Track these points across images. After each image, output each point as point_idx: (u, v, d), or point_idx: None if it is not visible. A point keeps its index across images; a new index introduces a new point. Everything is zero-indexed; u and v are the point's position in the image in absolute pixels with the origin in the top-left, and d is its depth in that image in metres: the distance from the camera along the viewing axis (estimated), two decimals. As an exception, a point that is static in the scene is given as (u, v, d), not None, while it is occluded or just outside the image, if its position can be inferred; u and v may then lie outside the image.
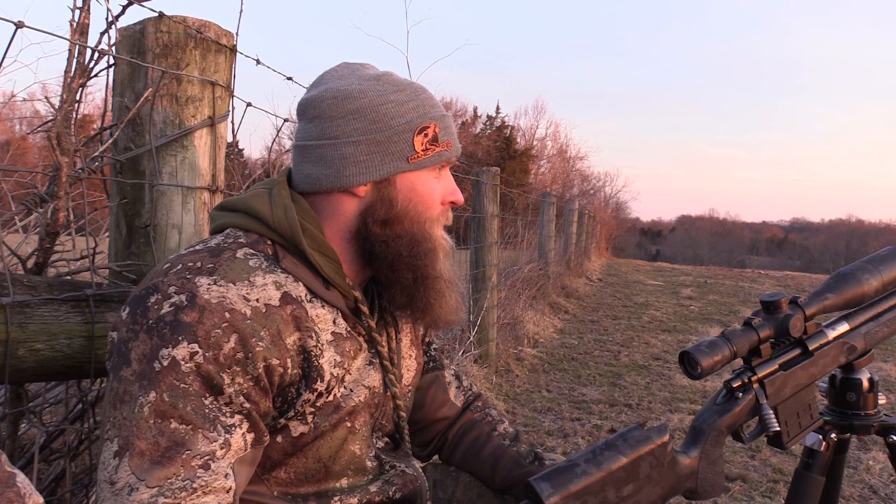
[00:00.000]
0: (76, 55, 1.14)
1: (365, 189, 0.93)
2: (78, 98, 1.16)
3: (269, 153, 1.87)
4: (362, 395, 0.96)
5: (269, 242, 0.91)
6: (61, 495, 1.29)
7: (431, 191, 0.96)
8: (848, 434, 1.16)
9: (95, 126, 1.35)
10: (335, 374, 0.92)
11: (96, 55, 1.17)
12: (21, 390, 1.18)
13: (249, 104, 1.45)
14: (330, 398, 0.92)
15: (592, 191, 35.50)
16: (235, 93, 1.37)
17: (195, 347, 0.78)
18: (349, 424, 0.95)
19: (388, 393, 1.02)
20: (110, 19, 1.18)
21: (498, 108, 42.77)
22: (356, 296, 0.96)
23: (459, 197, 1.00)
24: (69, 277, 1.26)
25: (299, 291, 0.89)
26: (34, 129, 1.37)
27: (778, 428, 0.98)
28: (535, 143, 35.83)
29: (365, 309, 0.97)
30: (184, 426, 0.77)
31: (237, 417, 0.81)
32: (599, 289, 10.46)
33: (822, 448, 1.12)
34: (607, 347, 5.61)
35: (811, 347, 1.05)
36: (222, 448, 0.79)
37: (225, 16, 1.33)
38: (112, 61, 1.21)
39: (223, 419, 0.80)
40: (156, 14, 1.19)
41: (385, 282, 0.96)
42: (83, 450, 1.36)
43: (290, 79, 1.64)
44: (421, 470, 1.10)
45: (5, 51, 0.95)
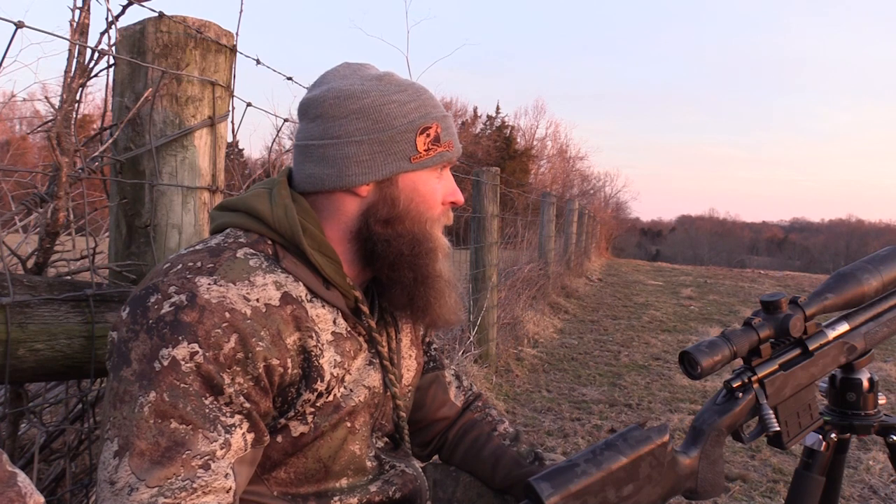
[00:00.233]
0: (76, 55, 1.14)
1: (367, 189, 0.93)
2: (78, 98, 1.16)
3: (269, 153, 1.87)
4: (362, 395, 0.96)
5: (270, 242, 0.91)
6: (61, 495, 1.29)
7: (433, 191, 0.96)
8: (848, 434, 1.16)
9: (95, 126, 1.35)
10: (335, 374, 0.92)
11: (96, 55, 1.18)
12: (21, 390, 1.18)
13: (249, 104, 1.45)
14: (330, 398, 0.92)
15: (592, 191, 35.50)
16: (235, 93, 1.37)
17: (195, 347, 0.78)
18: (349, 424, 0.95)
19: (388, 393, 1.02)
20: (110, 19, 1.18)
21: (498, 108, 42.79)
22: (356, 295, 0.95)
23: (460, 197, 1.01)
24: (69, 277, 1.26)
25: (299, 291, 0.89)
26: (34, 129, 1.37)
27: (778, 428, 0.98)
28: (535, 143, 35.86)
29: (365, 308, 0.96)
30: (184, 426, 0.77)
31: (237, 417, 0.81)
32: (599, 289, 10.46)
33: (822, 448, 1.12)
34: (607, 347, 5.61)
35: (811, 347, 1.05)
36: (222, 448, 0.79)
37: (225, 16, 1.33)
38: (112, 61, 1.21)
39: (223, 419, 0.80)
40: (156, 14, 1.19)
41: (386, 281, 0.96)
42: (83, 450, 1.36)
43: (290, 79, 1.64)
44: (421, 470, 1.10)
45: (5, 51, 0.95)
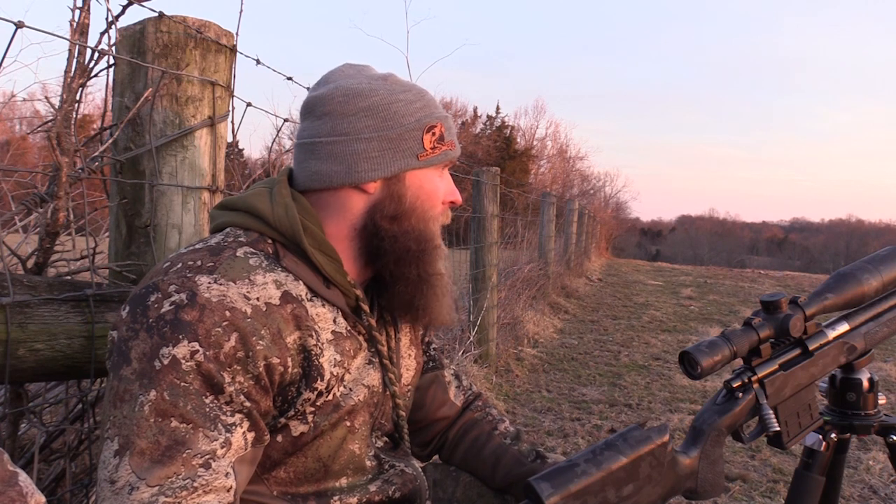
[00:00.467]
0: (76, 55, 1.14)
1: (375, 185, 0.94)
2: (78, 98, 1.16)
3: (269, 153, 1.87)
4: (362, 395, 0.96)
5: (270, 241, 0.91)
6: (61, 495, 1.29)
7: (436, 189, 0.98)
8: (848, 434, 1.16)
9: (95, 126, 1.35)
10: (335, 374, 0.92)
11: (96, 55, 1.17)
12: (21, 390, 1.17)
13: (249, 104, 1.45)
14: (330, 397, 0.92)
15: (592, 191, 35.51)
16: (235, 93, 1.37)
17: (196, 346, 0.78)
18: (349, 423, 0.95)
19: (388, 392, 1.02)
20: (110, 19, 1.18)
21: (498, 108, 42.82)
22: (357, 294, 0.96)
23: (458, 197, 1.02)
24: (69, 277, 1.26)
25: (299, 290, 0.89)
26: (34, 129, 1.37)
27: (778, 428, 0.98)
28: (535, 143, 35.87)
29: (365, 307, 0.97)
30: (184, 425, 0.77)
31: (238, 416, 0.81)
32: (599, 289, 10.46)
33: (822, 448, 1.12)
34: (607, 347, 5.61)
35: (811, 347, 1.05)
36: (223, 447, 0.79)
37: (225, 16, 1.33)
38: (112, 61, 1.21)
39: (224, 418, 0.80)
40: (156, 14, 1.19)
41: (389, 278, 0.96)
42: (83, 450, 1.36)
43: (290, 79, 1.64)
44: (420, 469, 1.10)
45: (5, 51, 0.95)
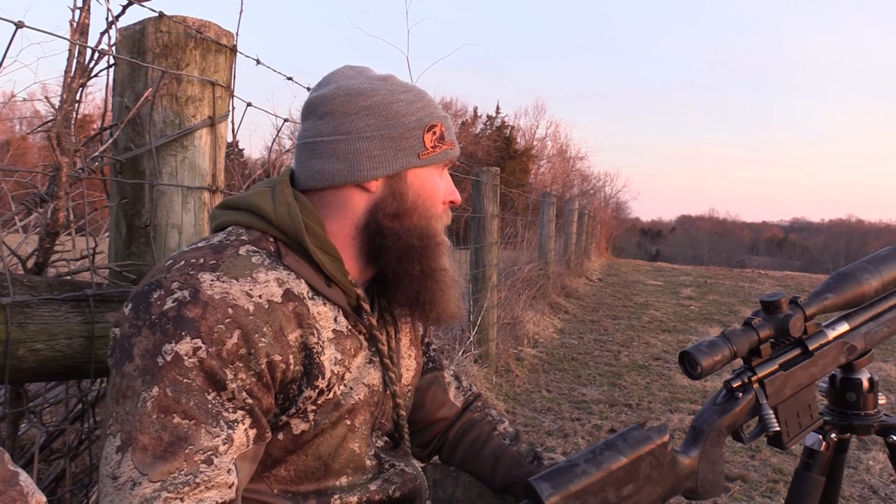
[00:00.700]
0: (76, 55, 1.14)
1: (377, 184, 0.94)
2: (78, 98, 1.16)
3: (269, 153, 1.88)
4: (362, 394, 0.96)
5: (272, 240, 0.91)
6: (61, 495, 1.29)
7: (437, 187, 0.99)
8: (848, 434, 1.16)
9: (95, 126, 1.35)
10: (336, 372, 0.92)
11: (96, 55, 1.17)
12: (21, 390, 1.18)
13: (249, 104, 1.46)
14: (330, 396, 0.92)
15: (592, 191, 35.51)
16: (235, 93, 1.37)
17: (198, 343, 0.79)
18: (349, 422, 0.95)
19: (388, 391, 1.02)
20: (110, 19, 1.18)
21: (498, 108, 42.76)
22: (358, 293, 0.96)
23: (458, 197, 1.03)
24: (69, 277, 1.26)
25: (301, 289, 0.90)
26: (34, 129, 1.37)
27: (778, 428, 0.99)
28: (535, 143, 35.86)
29: (366, 306, 0.97)
30: (186, 421, 0.77)
31: (240, 413, 0.81)
32: (599, 289, 10.46)
33: (822, 448, 1.12)
34: (607, 347, 5.61)
35: (811, 347, 1.05)
36: (225, 443, 0.79)
37: (225, 16, 1.33)
38: (112, 61, 1.21)
39: (226, 415, 0.80)
40: (156, 14, 1.19)
41: (392, 275, 0.96)
42: (83, 450, 1.36)
43: (290, 79, 1.64)
44: (420, 469, 1.10)
45: (5, 51, 0.95)
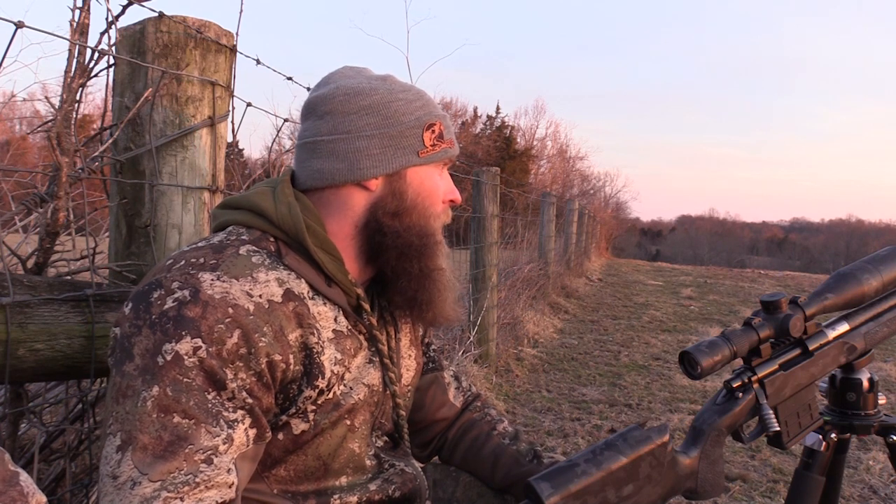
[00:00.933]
0: (76, 55, 1.14)
1: (377, 182, 0.95)
2: (78, 98, 1.16)
3: (269, 153, 1.88)
4: (362, 394, 0.96)
5: (272, 239, 0.92)
6: (61, 495, 1.29)
7: (436, 186, 0.99)
8: (848, 434, 1.16)
9: (95, 126, 1.35)
10: (336, 372, 0.92)
11: (96, 55, 1.17)
12: (21, 390, 1.18)
13: (249, 104, 1.46)
14: (330, 395, 0.92)
15: (592, 191, 35.49)
16: (235, 93, 1.37)
17: (198, 342, 0.79)
18: (349, 422, 0.95)
19: (388, 391, 1.02)
20: (110, 19, 1.18)
21: (498, 108, 42.71)
22: (358, 293, 0.96)
23: (458, 196, 1.03)
24: (69, 277, 1.26)
25: (301, 288, 0.90)
26: (34, 129, 1.37)
27: (778, 428, 0.99)
28: (535, 143, 35.84)
29: (366, 306, 0.97)
30: (186, 420, 0.77)
31: (240, 413, 0.82)
32: (599, 289, 10.46)
33: (822, 448, 1.12)
34: (607, 347, 5.61)
35: (811, 347, 1.05)
36: (225, 443, 0.79)
37: (225, 16, 1.33)
38: (112, 61, 1.21)
39: (226, 414, 0.80)
40: (156, 14, 1.19)
41: (391, 274, 0.96)
42: (83, 450, 1.36)
43: (290, 79, 1.64)
44: (420, 469, 1.10)
45: (5, 51, 0.95)
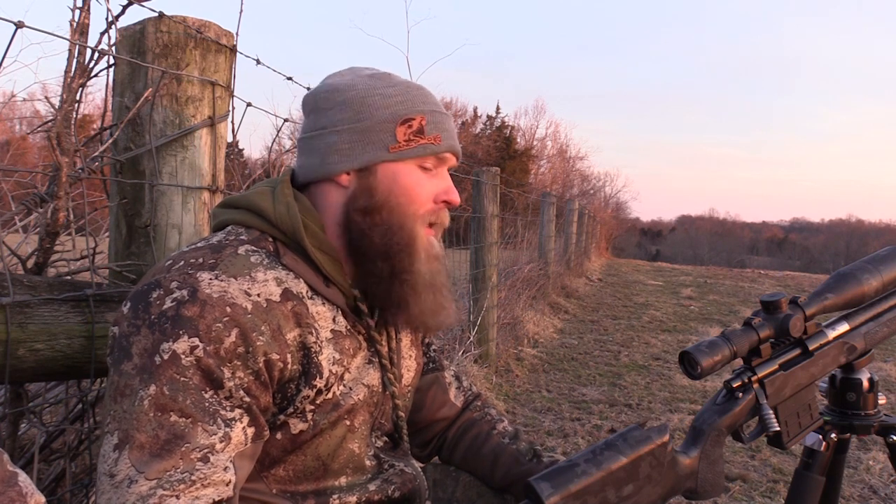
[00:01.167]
0: (76, 55, 1.14)
1: (348, 178, 0.94)
2: (78, 98, 1.16)
3: (269, 153, 1.88)
4: (361, 394, 0.96)
5: (271, 239, 0.92)
6: (61, 495, 1.29)
7: (415, 184, 0.94)
8: (848, 434, 1.16)
9: (95, 126, 1.35)
10: (334, 372, 0.92)
11: (96, 55, 1.17)
12: (21, 390, 1.17)
13: (249, 104, 1.45)
14: (329, 396, 0.92)
15: (592, 191, 35.47)
16: (235, 93, 1.37)
17: (196, 341, 0.79)
18: (348, 423, 0.95)
19: (387, 392, 1.02)
20: (110, 19, 1.18)
21: (498, 108, 42.71)
22: (355, 294, 0.96)
23: (454, 197, 0.98)
24: (69, 277, 1.26)
25: (300, 288, 0.90)
26: (34, 129, 1.37)
27: (778, 428, 0.99)
28: (535, 143, 35.85)
29: (364, 307, 0.97)
30: (183, 419, 0.78)
31: (237, 411, 0.82)
32: (599, 289, 10.46)
33: (822, 448, 1.12)
34: (607, 347, 5.61)
35: (811, 347, 1.05)
36: (222, 441, 0.79)
37: (225, 16, 1.33)
38: (112, 61, 1.21)
39: (223, 413, 0.80)
40: (156, 14, 1.19)
41: (363, 274, 0.94)
42: (83, 450, 1.35)
43: (290, 79, 1.64)
44: (420, 469, 1.10)
45: (5, 51, 0.95)
